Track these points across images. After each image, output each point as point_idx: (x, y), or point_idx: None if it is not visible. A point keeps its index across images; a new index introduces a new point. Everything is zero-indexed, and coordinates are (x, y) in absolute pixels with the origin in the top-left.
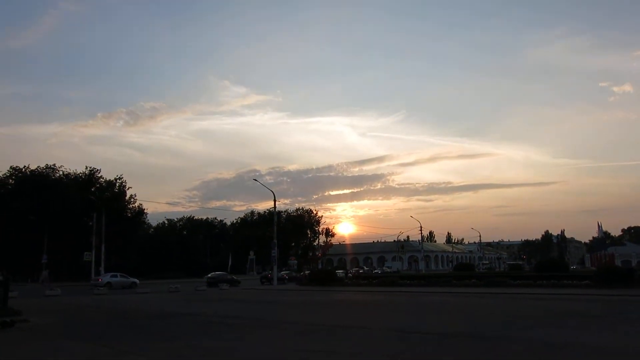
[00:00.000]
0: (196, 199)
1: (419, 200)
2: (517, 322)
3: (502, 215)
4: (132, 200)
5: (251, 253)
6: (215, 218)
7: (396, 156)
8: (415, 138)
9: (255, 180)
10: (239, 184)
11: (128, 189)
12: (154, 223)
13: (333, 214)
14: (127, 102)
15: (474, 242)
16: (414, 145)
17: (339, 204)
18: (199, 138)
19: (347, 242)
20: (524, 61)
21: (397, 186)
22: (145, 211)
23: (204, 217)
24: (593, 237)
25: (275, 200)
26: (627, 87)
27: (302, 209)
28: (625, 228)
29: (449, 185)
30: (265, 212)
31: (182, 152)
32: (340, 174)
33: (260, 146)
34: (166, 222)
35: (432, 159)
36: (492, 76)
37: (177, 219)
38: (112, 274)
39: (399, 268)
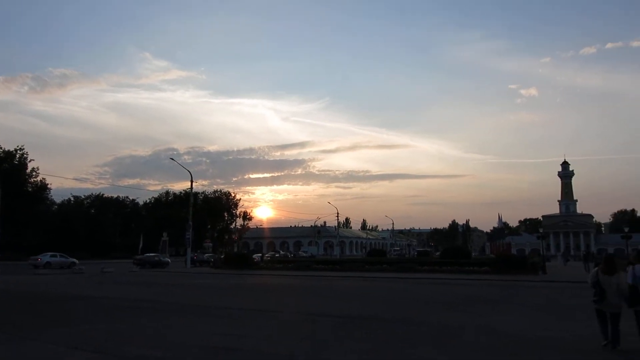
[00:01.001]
0: (107, 176)
1: (337, 187)
2: (422, 305)
3: (415, 205)
4: (33, 173)
5: (164, 235)
6: (127, 197)
7: (318, 143)
8: (337, 126)
9: (172, 159)
10: (154, 162)
11: (30, 161)
12: (59, 200)
13: (252, 197)
14: (33, 66)
15: (387, 229)
16: (336, 133)
17: (258, 187)
18: (113, 111)
19: (265, 226)
20: (444, 59)
21: (317, 172)
22: (48, 186)
23: (115, 196)
24: (493, 227)
25: (192, 181)
26: (533, 91)
27: (220, 191)
28: (522, 219)
29: (367, 174)
30: (181, 192)
31: (94, 125)
32: (261, 158)
33: (179, 124)
34: (72, 198)
35: (353, 148)
36: (413, 71)
37: (84, 196)
38: (51, 253)
39: (314, 253)
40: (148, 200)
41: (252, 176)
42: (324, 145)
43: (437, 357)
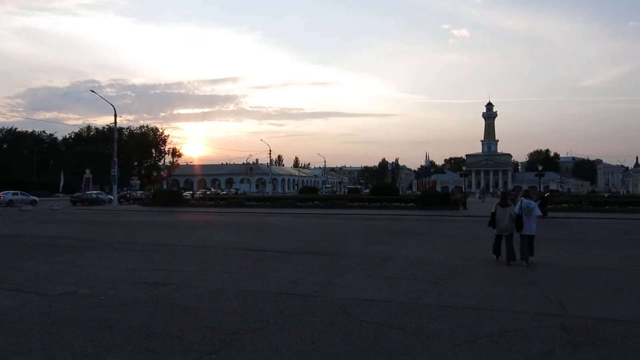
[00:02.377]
0: (20, 109)
1: (271, 124)
2: (350, 239)
3: (347, 143)
4: None
5: (87, 172)
6: (44, 131)
7: (250, 78)
8: (271, 61)
9: (93, 91)
10: (73, 95)
11: None
12: None
13: (181, 133)
14: None
15: (320, 167)
16: (269, 68)
17: (188, 123)
18: (24, 37)
19: (196, 163)
20: None
21: (249, 109)
22: None
23: (30, 130)
24: (421, 166)
25: (115, 115)
26: (465, 32)
27: (147, 126)
28: (448, 158)
29: (301, 112)
30: (104, 127)
31: (1, 52)
32: (190, 92)
33: (100, 54)
34: None
35: (286, 84)
36: (348, 8)
37: None
38: (13, 192)
39: (246, 190)
40: (68, 136)
41: (181, 112)
42: (257, 80)
43: (363, 282)
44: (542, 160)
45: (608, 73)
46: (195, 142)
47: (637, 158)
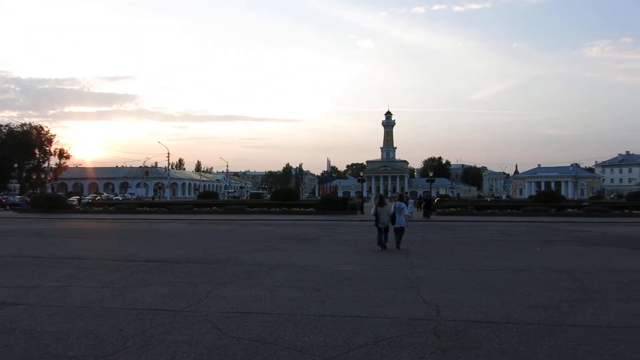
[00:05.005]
0: None
1: (173, 126)
2: (244, 246)
3: (252, 147)
4: None
5: None
6: None
7: (152, 76)
8: (175, 60)
9: None
10: None
11: None
12: None
13: (73, 133)
14: None
15: (222, 172)
16: (173, 67)
17: (82, 122)
18: None
19: (87, 166)
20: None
21: (151, 109)
22: None
23: None
24: (323, 171)
25: None
26: (369, 43)
27: (30, 124)
28: (350, 164)
29: (205, 114)
30: None
31: None
32: (85, 89)
33: None
34: None
35: (191, 84)
36: (261, 13)
37: None
38: None
39: (141, 195)
40: None
41: (74, 110)
42: (160, 79)
43: (244, 293)
44: (435, 167)
45: (494, 88)
46: (89, 143)
47: (516, 166)
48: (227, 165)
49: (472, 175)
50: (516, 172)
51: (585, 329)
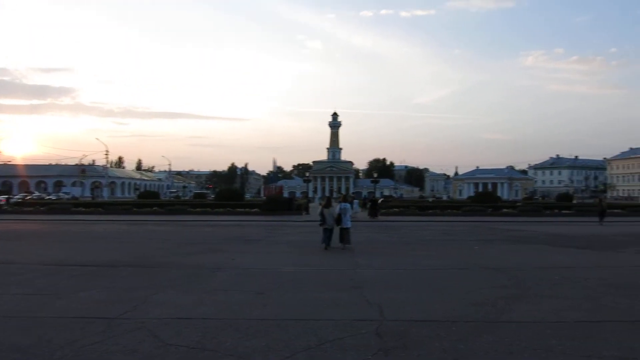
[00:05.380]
0: None
1: (113, 122)
2: (185, 248)
3: (197, 146)
4: None
5: None
6: None
7: (91, 69)
8: (116, 53)
9: None
10: None
11: None
12: None
13: (3, 127)
14: None
15: (165, 171)
16: (114, 60)
17: (11, 116)
18: None
19: (18, 162)
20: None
21: (89, 104)
22: None
23: None
24: (269, 171)
25: None
26: (318, 44)
27: None
28: (296, 164)
29: (147, 110)
30: None
31: None
32: (17, 80)
33: None
34: None
35: (133, 78)
36: (207, 8)
37: None
38: None
39: (77, 195)
40: None
41: (4, 102)
42: (99, 73)
43: (184, 297)
44: (380, 168)
45: (438, 92)
46: (20, 138)
47: (456, 168)
48: (170, 164)
49: (415, 176)
50: (456, 173)
51: (520, 324)
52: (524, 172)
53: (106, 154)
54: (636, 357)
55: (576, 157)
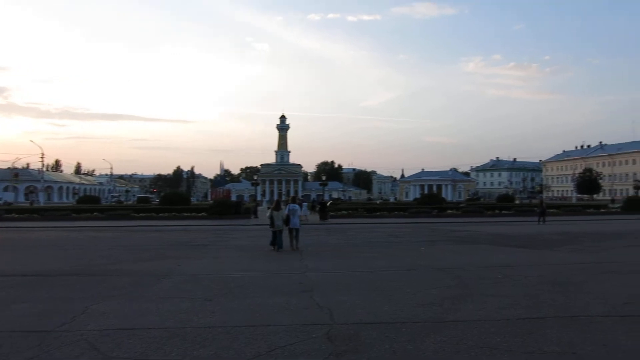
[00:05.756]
0: None
1: (50, 124)
2: (129, 255)
3: (140, 149)
4: None
5: None
6: None
7: (26, 67)
8: (54, 51)
9: None
10: None
11: None
12: None
13: None
14: None
15: (107, 174)
16: (51, 58)
17: None
18: None
19: None
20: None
21: (23, 104)
22: None
23: None
24: (216, 174)
25: None
26: (266, 47)
27: None
28: (244, 167)
29: (88, 112)
30: None
31: None
32: None
33: None
34: None
35: (70, 78)
36: (154, 7)
37: None
38: None
39: (10, 200)
40: None
41: None
42: (35, 72)
43: (128, 307)
44: (328, 171)
45: (384, 96)
46: None
47: (402, 170)
48: (112, 168)
49: (363, 179)
50: (402, 176)
51: (466, 324)
52: (466, 174)
53: (42, 157)
54: (575, 351)
55: (514, 159)
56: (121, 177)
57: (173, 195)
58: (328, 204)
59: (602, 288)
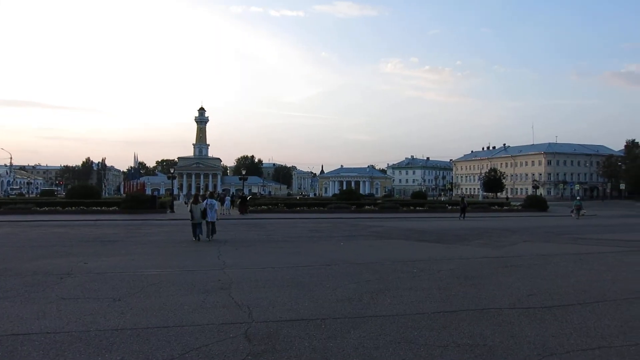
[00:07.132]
0: None
1: None
2: (28, 252)
3: (46, 138)
4: None
5: None
6: None
7: None
8: None
9: None
10: None
11: None
12: None
13: None
14: None
15: (5, 165)
16: None
17: None
18: None
19: None
20: None
21: None
22: None
23: None
24: (130, 167)
25: None
26: (187, 38)
27: None
28: (160, 160)
29: None
30: None
31: None
32: None
33: None
34: None
35: None
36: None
37: None
38: None
39: None
40: None
41: None
42: None
43: (24, 309)
44: (248, 166)
45: (305, 92)
46: None
47: (322, 166)
48: (11, 158)
49: (283, 174)
50: (322, 172)
51: (385, 318)
52: (383, 171)
53: None
54: (485, 343)
55: (428, 158)
56: (22, 168)
57: (81, 188)
58: (248, 198)
59: (508, 281)
